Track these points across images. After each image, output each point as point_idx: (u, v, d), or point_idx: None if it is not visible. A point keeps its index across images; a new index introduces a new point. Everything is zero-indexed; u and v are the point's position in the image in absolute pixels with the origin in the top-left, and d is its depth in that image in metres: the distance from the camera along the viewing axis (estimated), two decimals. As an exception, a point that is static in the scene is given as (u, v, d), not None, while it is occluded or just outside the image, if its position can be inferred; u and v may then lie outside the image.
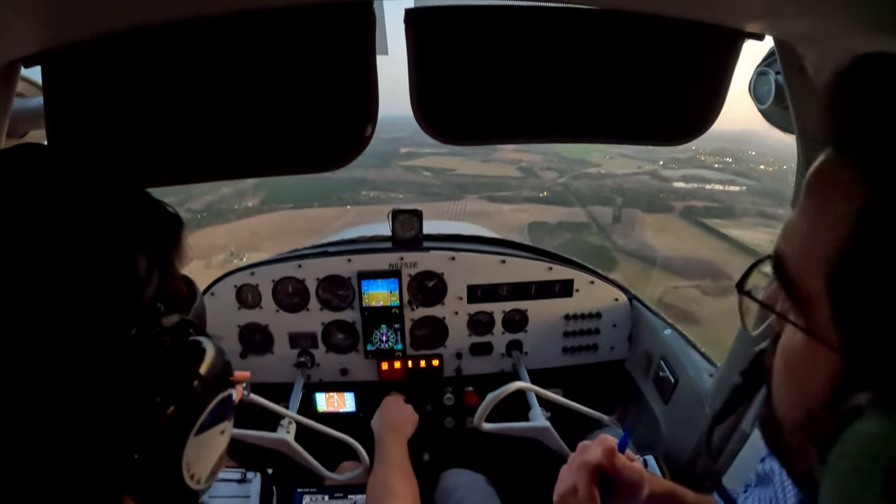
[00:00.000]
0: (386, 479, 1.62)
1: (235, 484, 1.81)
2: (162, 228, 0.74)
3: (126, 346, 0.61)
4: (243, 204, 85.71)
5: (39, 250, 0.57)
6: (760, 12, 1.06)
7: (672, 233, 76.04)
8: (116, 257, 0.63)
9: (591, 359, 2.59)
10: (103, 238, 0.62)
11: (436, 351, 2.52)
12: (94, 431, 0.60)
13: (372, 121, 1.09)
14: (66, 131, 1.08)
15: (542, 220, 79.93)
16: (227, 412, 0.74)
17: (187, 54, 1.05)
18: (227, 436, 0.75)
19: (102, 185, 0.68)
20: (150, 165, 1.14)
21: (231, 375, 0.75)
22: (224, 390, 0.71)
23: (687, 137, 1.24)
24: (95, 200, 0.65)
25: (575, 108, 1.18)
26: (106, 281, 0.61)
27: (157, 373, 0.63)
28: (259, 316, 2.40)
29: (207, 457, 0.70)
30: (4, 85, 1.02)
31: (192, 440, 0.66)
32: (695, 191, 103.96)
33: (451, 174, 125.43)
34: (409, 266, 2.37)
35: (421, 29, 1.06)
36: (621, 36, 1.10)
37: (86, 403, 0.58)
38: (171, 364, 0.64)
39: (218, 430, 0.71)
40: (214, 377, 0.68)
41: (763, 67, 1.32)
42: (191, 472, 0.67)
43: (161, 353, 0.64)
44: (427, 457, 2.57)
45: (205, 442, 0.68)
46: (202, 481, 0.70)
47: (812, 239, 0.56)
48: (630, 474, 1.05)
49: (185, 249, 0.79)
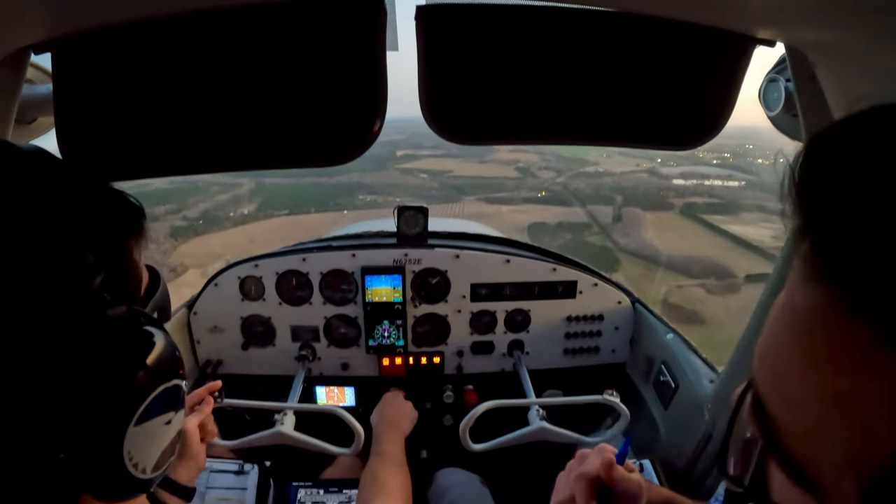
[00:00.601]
0: (379, 473, 1.62)
1: (233, 475, 1.82)
2: (116, 219, 0.75)
3: (64, 336, 0.61)
4: (239, 211, 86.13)
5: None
6: (772, 19, 1.05)
7: (674, 231, 75.99)
8: (52, 249, 0.63)
9: (592, 361, 2.59)
10: (41, 228, 0.63)
11: (437, 348, 2.52)
12: (32, 423, 0.60)
13: (380, 116, 1.08)
14: (75, 119, 1.08)
15: (542, 220, 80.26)
16: (173, 403, 0.74)
17: (197, 46, 1.05)
18: (174, 426, 0.75)
19: (52, 177, 0.69)
20: (158, 155, 1.14)
21: (181, 368, 0.75)
22: (169, 381, 0.71)
23: (696, 142, 1.23)
24: (38, 192, 0.66)
25: (584, 111, 1.17)
26: (41, 273, 0.61)
27: (96, 363, 0.63)
28: (262, 308, 2.41)
29: (150, 446, 0.71)
30: (14, 71, 1.02)
31: (131, 430, 0.66)
32: (694, 187, 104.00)
33: (449, 176, 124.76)
34: (413, 263, 2.37)
35: (431, 26, 1.06)
36: (633, 39, 1.09)
37: (20, 395, 0.59)
38: (111, 354, 0.65)
39: (161, 420, 0.71)
40: (157, 368, 0.69)
41: (773, 74, 1.31)
42: (134, 461, 0.68)
43: (101, 343, 0.64)
44: (425, 454, 2.58)
45: (147, 432, 0.69)
46: (148, 471, 0.71)
47: (827, 421, 0.40)
48: (628, 486, 1.04)
49: (146, 239, 0.80)
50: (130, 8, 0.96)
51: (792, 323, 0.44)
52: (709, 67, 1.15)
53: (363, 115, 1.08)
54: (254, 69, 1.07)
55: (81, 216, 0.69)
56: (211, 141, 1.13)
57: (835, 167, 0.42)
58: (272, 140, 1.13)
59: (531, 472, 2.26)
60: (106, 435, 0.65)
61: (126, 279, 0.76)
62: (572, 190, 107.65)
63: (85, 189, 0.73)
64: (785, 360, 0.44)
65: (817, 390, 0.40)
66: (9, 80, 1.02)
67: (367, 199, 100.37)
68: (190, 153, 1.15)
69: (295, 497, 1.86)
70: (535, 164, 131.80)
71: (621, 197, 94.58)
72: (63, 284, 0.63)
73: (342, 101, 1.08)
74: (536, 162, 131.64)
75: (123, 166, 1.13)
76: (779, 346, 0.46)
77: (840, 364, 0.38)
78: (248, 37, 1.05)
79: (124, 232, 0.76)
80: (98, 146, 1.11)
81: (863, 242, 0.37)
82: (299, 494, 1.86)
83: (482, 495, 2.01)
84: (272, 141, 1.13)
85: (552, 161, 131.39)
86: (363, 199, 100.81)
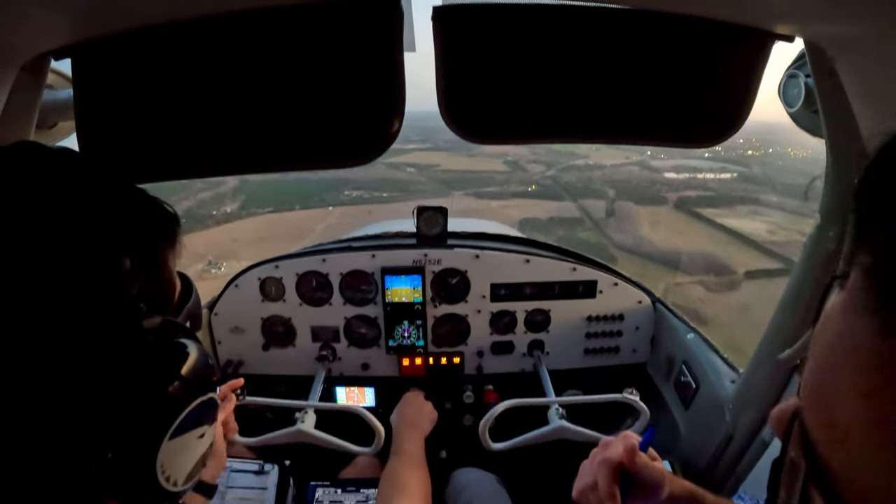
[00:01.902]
0: (399, 473, 1.62)
1: (253, 475, 1.83)
2: (149, 227, 0.74)
3: (101, 347, 0.60)
4: (222, 209, 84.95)
5: (6, 251, 0.57)
6: (790, 14, 1.03)
7: (669, 225, 74.80)
8: (92, 257, 0.62)
9: (613, 361, 2.56)
10: (78, 238, 0.62)
11: (457, 348, 2.51)
12: (67, 434, 0.60)
13: (399, 116, 1.08)
14: (95, 123, 1.10)
15: (533, 216, 78.26)
16: (207, 416, 0.73)
17: (216, 49, 1.05)
18: (206, 440, 0.75)
19: (87, 184, 0.68)
20: (179, 158, 1.15)
21: (214, 377, 0.74)
22: (204, 394, 0.71)
23: (716, 140, 1.21)
24: (73, 200, 0.64)
25: (603, 109, 1.16)
26: (79, 281, 0.60)
27: (132, 375, 0.62)
28: (282, 309, 2.42)
29: (183, 460, 0.70)
30: (35, 77, 1.03)
31: (166, 443, 0.65)
32: (687, 181, 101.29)
33: (437, 170, 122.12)
34: (432, 263, 2.37)
35: (448, 26, 1.05)
36: (651, 36, 1.08)
37: (57, 407, 0.58)
38: (147, 366, 0.64)
39: (195, 433, 0.71)
40: (192, 380, 0.68)
41: (793, 70, 1.29)
42: (166, 474, 0.67)
43: (137, 355, 0.63)
44: (444, 454, 2.57)
45: (181, 445, 0.68)
46: (179, 484, 0.70)
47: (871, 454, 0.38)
48: (650, 474, 1.04)
49: (181, 248, 0.79)
50: (150, 12, 0.97)
51: (844, 352, 0.41)
52: (727, 63, 1.13)
53: (382, 116, 1.08)
54: (272, 72, 1.07)
55: (118, 223, 0.68)
56: (231, 143, 1.14)
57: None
58: (291, 142, 1.13)
59: (549, 471, 2.25)
60: (140, 448, 0.64)
61: (160, 288, 0.75)
62: (563, 184, 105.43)
63: (122, 196, 0.73)
64: (836, 389, 0.41)
65: (865, 421, 0.38)
66: (30, 85, 1.03)
67: (352, 195, 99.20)
68: (211, 156, 1.16)
69: (313, 496, 1.87)
70: (524, 157, 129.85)
71: (613, 191, 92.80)
72: (101, 295, 0.62)
73: (361, 102, 1.08)
74: (525, 155, 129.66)
75: (145, 169, 1.14)
76: (831, 372, 0.43)
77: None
78: (266, 40, 1.05)
79: (159, 240, 0.76)
80: (119, 150, 1.12)
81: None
82: (317, 494, 1.87)
83: (499, 494, 2.00)
84: (291, 143, 1.13)
85: (541, 154, 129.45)
86: (349, 194, 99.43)
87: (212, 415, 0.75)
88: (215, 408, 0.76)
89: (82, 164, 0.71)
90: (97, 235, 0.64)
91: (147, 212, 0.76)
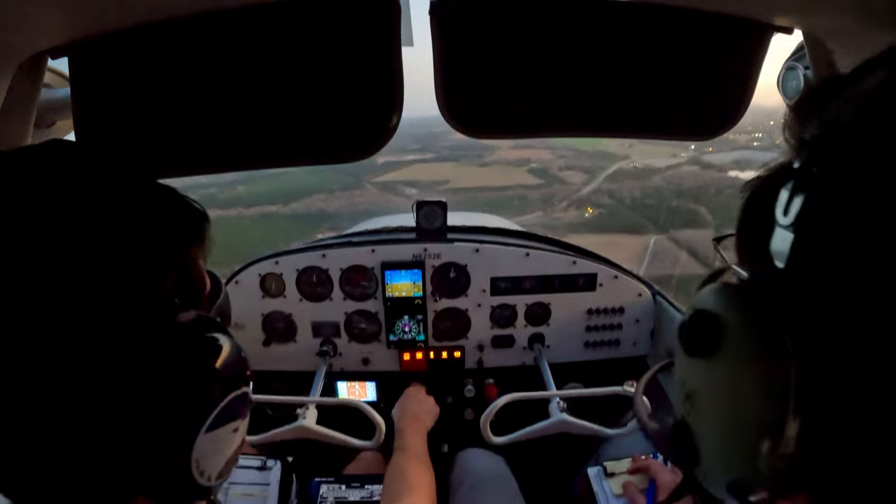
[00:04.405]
0: (404, 469, 1.62)
1: (256, 471, 1.83)
2: (181, 224, 0.75)
3: (138, 341, 0.61)
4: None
5: (49, 247, 0.58)
6: (789, 6, 1.04)
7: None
8: (128, 253, 0.63)
9: (613, 354, 2.57)
10: (115, 235, 0.62)
11: (458, 342, 2.52)
12: (103, 427, 0.60)
13: (397, 111, 1.09)
14: (93, 121, 1.10)
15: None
16: (241, 410, 0.74)
17: (213, 46, 1.05)
18: (240, 434, 0.75)
19: (120, 181, 0.69)
20: (177, 155, 1.15)
21: (248, 371, 0.75)
22: (238, 388, 0.71)
23: (715, 132, 1.22)
24: (110, 197, 0.65)
25: (603, 102, 1.16)
26: (116, 276, 0.61)
27: (169, 369, 0.63)
28: (282, 305, 2.42)
29: (218, 454, 0.71)
30: (32, 76, 1.03)
31: (201, 437, 0.66)
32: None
33: (445, 189, 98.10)
34: (432, 257, 2.37)
35: (445, 20, 1.05)
36: (650, 29, 1.08)
37: (94, 399, 0.59)
38: (184, 360, 0.64)
39: (230, 427, 0.71)
40: (227, 375, 0.69)
41: (792, 62, 1.29)
42: (200, 468, 0.67)
43: (174, 348, 0.64)
44: (446, 448, 2.58)
45: (216, 439, 0.69)
46: (213, 478, 0.71)
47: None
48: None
49: (209, 245, 0.79)
50: (146, 10, 0.97)
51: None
52: (726, 56, 1.14)
53: (380, 111, 1.09)
54: (269, 67, 1.07)
55: (151, 220, 0.69)
56: (229, 140, 1.14)
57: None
58: (289, 137, 1.13)
59: (553, 453, 2.26)
60: (176, 441, 0.65)
61: (191, 284, 0.76)
62: (627, 202, 75.46)
63: (153, 193, 0.73)
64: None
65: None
66: (27, 84, 1.03)
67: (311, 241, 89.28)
68: (208, 152, 1.16)
69: (317, 492, 1.87)
70: (553, 163, 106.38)
71: (703, 207, 64.05)
72: (137, 288, 0.63)
73: (359, 97, 1.08)
74: (553, 160, 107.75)
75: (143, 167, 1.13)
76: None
77: None
78: (263, 35, 1.05)
79: (190, 237, 0.76)
80: (117, 148, 1.12)
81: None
82: (321, 490, 1.87)
83: (505, 477, 2.01)
84: (289, 138, 1.13)
85: (571, 157, 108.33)
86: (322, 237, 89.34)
87: (245, 409, 0.76)
88: (249, 402, 0.77)
89: (115, 163, 0.71)
90: (131, 232, 0.64)
91: (177, 209, 0.76)
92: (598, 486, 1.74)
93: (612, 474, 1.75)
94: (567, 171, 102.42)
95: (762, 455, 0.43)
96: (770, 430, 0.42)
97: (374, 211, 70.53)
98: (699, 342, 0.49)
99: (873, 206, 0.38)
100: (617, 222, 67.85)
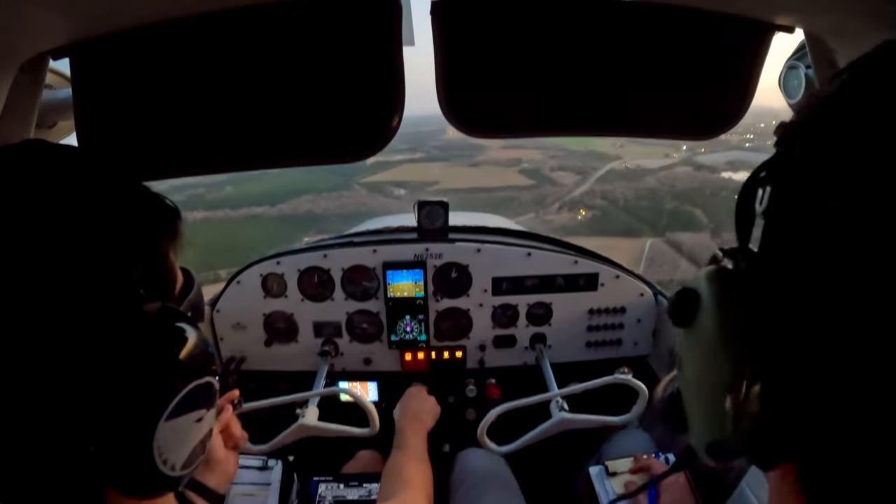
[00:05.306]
0: (401, 466, 1.62)
1: (257, 471, 1.84)
2: (150, 218, 0.76)
3: (100, 328, 0.62)
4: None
5: (12, 236, 0.59)
6: (791, 5, 1.04)
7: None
8: (92, 242, 0.64)
9: (615, 354, 2.57)
10: (79, 224, 0.64)
11: (459, 342, 2.52)
12: (64, 412, 0.61)
13: (399, 111, 1.09)
14: (95, 122, 1.10)
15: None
16: (205, 400, 0.74)
17: (214, 46, 1.06)
18: (205, 424, 0.75)
19: (91, 177, 0.70)
20: (179, 155, 1.16)
21: (213, 365, 0.76)
22: (201, 378, 0.72)
23: (716, 132, 1.22)
24: (77, 190, 0.67)
25: (604, 101, 1.17)
26: (78, 264, 0.62)
27: (130, 356, 0.63)
28: (284, 305, 2.42)
29: (181, 444, 0.71)
30: (33, 77, 1.03)
31: (162, 425, 0.66)
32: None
33: (435, 189, 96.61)
34: (434, 257, 2.37)
35: (447, 20, 1.05)
36: (652, 28, 1.09)
37: (54, 385, 0.60)
38: (145, 348, 0.65)
39: (192, 417, 0.71)
40: (190, 364, 0.69)
41: (793, 61, 1.28)
42: (163, 457, 0.68)
43: (136, 337, 0.65)
44: (447, 448, 2.57)
45: (177, 428, 0.69)
46: (177, 468, 0.71)
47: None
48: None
49: (182, 240, 0.81)
50: (147, 11, 0.97)
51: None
52: (727, 55, 1.14)
53: (382, 111, 1.09)
54: (270, 68, 1.08)
55: (119, 213, 0.70)
56: (230, 140, 1.14)
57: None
58: (291, 137, 1.14)
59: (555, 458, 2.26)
60: (136, 429, 0.65)
61: (161, 278, 0.77)
62: (621, 203, 75.36)
63: (123, 188, 0.74)
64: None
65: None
66: (29, 85, 1.03)
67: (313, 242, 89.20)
68: (210, 152, 1.16)
69: (316, 492, 1.87)
70: (545, 163, 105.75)
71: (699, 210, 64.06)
72: (101, 277, 0.63)
73: (361, 97, 1.09)
74: (544, 161, 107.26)
75: (145, 167, 1.14)
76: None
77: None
78: (265, 36, 1.06)
79: (160, 231, 0.77)
80: (119, 148, 1.12)
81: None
82: (320, 489, 1.87)
83: (506, 477, 2.00)
84: (291, 138, 1.14)
85: (562, 157, 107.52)
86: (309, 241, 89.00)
87: (210, 400, 0.76)
88: (214, 393, 0.77)
89: (87, 160, 0.72)
90: (96, 222, 0.65)
91: (148, 204, 0.77)
92: (599, 485, 1.74)
93: (613, 473, 1.75)
94: (559, 171, 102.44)
95: (729, 415, 0.49)
96: (733, 390, 0.48)
97: (362, 212, 72.15)
98: (679, 313, 0.56)
99: (828, 196, 0.43)
100: (611, 225, 68.21)
